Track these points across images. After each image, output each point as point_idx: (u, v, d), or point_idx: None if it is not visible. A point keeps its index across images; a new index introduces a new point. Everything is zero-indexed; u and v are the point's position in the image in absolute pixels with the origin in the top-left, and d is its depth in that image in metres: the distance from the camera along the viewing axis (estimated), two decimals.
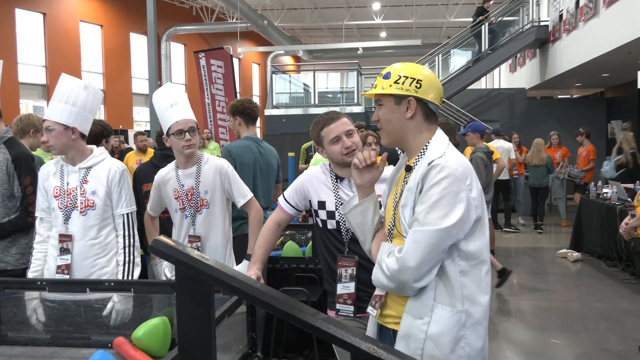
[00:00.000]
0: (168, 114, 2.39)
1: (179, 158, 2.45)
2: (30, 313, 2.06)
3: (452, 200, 1.40)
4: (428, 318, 1.43)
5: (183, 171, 2.45)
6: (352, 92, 13.61)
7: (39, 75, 13.17)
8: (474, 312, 1.44)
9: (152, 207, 2.58)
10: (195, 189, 2.42)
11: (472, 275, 1.45)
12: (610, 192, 5.96)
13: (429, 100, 1.53)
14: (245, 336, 1.97)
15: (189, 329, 1.17)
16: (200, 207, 2.42)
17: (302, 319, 1.15)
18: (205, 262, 1.17)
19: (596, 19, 8.55)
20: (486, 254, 1.47)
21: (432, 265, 1.42)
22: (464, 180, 1.42)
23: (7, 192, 2.57)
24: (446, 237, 1.40)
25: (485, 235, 1.47)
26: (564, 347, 3.77)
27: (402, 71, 1.54)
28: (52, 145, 2.22)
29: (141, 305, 2.03)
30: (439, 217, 1.40)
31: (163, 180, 2.48)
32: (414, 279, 1.41)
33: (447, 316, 1.42)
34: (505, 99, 12.56)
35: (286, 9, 18.12)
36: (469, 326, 1.44)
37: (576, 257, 6.22)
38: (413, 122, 1.53)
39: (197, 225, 2.42)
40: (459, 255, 1.44)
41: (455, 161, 1.45)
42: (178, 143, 2.37)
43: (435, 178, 1.42)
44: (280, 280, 3.12)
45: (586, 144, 8.04)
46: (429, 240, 1.40)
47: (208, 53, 9.89)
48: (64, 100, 2.21)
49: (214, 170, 2.45)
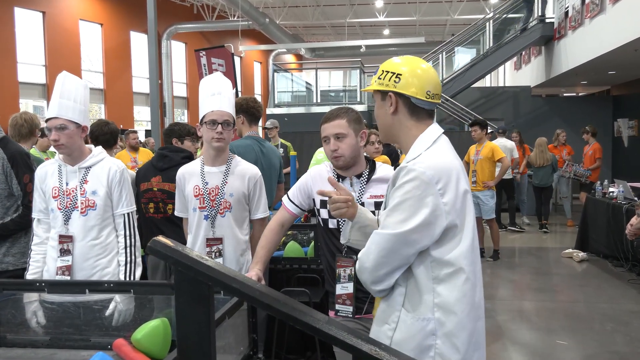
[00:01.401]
0: (207, 102, 2.28)
1: (208, 152, 2.31)
2: (29, 315, 2.03)
3: (415, 204, 1.34)
4: (394, 324, 1.40)
5: (210, 168, 2.31)
6: (355, 90, 13.58)
7: (38, 75, 13.18)
8: (447, 322, 1.36)
9: (180, 208, 2.39)
10: (221, 189, 2.29)
11: (448, 283, 1.37)
12: (616, 191, 5.91)
13: (410, 95, 1.45)
14: (246, 337, 1.95)
15: (189, 330, 1.15)
16: (223, 209, 2.28)
17: (303, 321, 1.13)
18: (204, 263, 1.15)
19: (602, 15, 8.48)
20: (464, 262, 1.37)
21: (389, 269, 1.37)
22: (432, 185, 1.34)
23: (5, 192, 2.55)
24: (402, 242, 1.34)
25: (464, 243, 1.37)
26: (569, 349, 3.72)
27: (385, 66, 1.51)
28: (63, 144, 2.15)
29: (141, 307, 2.00)
30: (397, 221, 1.35)
31: (184, 175, 2.34)
32: (371, 280, 1.40)
33: (409, 323, 1.37)
34: (510, 97, 12.51)
35: (288, 7, 18.09)
36: (440, 336, 1.36)
37: (582, 257, 6.18)
38: (397, 118, 1.48)
39: (217, 228, 2.28)
40: (432, 262, 1.37)
41: (427, 164, 1.37)
42: (208, 133, 2.24)
43: (400, 180, 1.38)
44: (282, 281, 3.09)
45: (592, 142, 7.99)
46: (383, 244, 1.36)
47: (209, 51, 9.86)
48: (72, 99, 2.17)
49: (247, 174, 2.34)
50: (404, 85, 1.45)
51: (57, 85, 2.18)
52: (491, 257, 6.18)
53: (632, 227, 3.77)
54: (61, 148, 2.18)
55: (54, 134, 2.14)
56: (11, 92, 12.17)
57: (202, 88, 2.34)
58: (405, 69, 1.46)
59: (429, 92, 1.46)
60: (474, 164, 5.98)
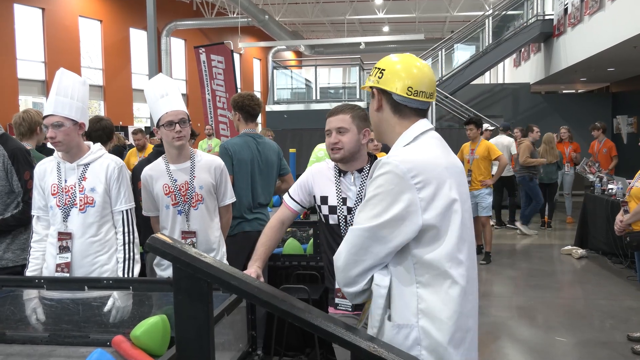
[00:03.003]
0: (158, 105, 2.35)
1: (170, 151, 2.41)
2: (28, 312, 2.03)
3: (386, 198, 1.27)
4: (375, 329, 1.32)
5: (175, 166, 2.42)
6: (354, 87, 13.56)
7: (38, 71, 13.16)
8: (431, 332, 1.26)
9: (149, 208, 2.48)
10: (190, 183, 2.40)
11: (433, 288, 1.27)
12: (615, 187, 5.91)
13: (391, 91, 1.40)
14: (245, 334, 1.95)
15: (187, 327, 1.15)
16: (195, 202, 2.39)
17: (302, 318, 1.13)
18: (203, 260, 1.14)
19: (601, 12, 8.47)
20: (448, 265, 1.27)
21: (361, 269, 1.29)
22: (407, 178, 1.26)
23: (5, 189, 2.55)
24: (371, 237, 1.27)
25: (448, 244, 1.28)
26: (568, 345, 3.73)
27: (378, 63, 1.48)
28: (60, 142, 2.16)
29: (140, 303, 2.00)
30: (367, 216, 1.29)
31: (151, 176, 2.42)
32: (343, 282, 1.33)
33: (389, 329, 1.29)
34: (509, 94, 12.50)
35: (287, 4, 18.05)
36: (425, 347, 1.26)
37: (581, 253, 6.18)
38: (382, 115, 1.44)
39: (192, 221, 2.39)
40: (415, 264, 1.28)
41: (403, 157, 1.29)
42: (168, 134, 2.33)
43: (374, 174, 1.32)
44: (281, 278, 3.09)
45: (603, 139, 7.74)
46: (353, 240, 1.30)
47: (208, 48, 9.85)
48: (69, 96, 2.17)
49: (211, 165, 2.45)
50: (385, 81, 1.42)
51: (54, 83, 2.18)
52: (484, 261, 5.87)
53: (622, 223, 3.81)
54: (58, 145, 2.17)
55: (51, 131, 2.14)
56: (10, 88, 12.15)
57: (148, 92, 2.40)
58: (390, 66, 1.43)
59: (411, 88, 1.39)
60: (470, 164, 5.94)
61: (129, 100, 15.73)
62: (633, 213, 3.77)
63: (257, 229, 2.83)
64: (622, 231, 3.88)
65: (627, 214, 3.82)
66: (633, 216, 3.76)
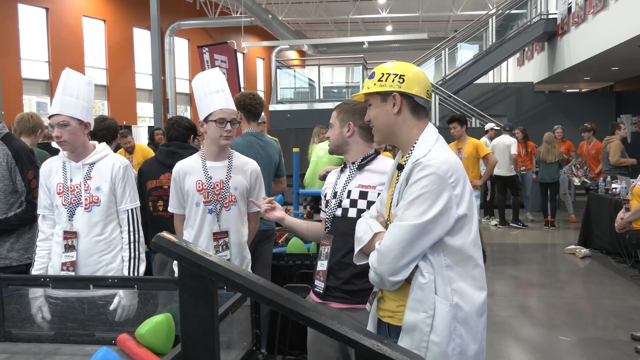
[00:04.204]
0: (213, 99, 2.27)
1: (211, 148, 2.32)
2: (34, 310, 2.05)
3: (431, 197, 1.44)
4: (432, 311, 1.46)
5: (213, 163, 2.33)
6: (358, 87, 13.54)
7: (42, 71, 13.20)
8: (463, 306, 1.47)
9: (176, 205, 2.37)
10: (226, 183, 2.32)
11: (458, 269, 1.48)
12: (619, 187, 5.90)
13: (414, 94, 1.56)
14: (249, 333, 1.96)
15: (192, 326, 1.16)
16: (228, 202, 2.32)
17: (306, 316, 1.13)
18: (207, 259, 1.15)
19: (605, 11, 8.44)
20: (472, 250, 1.49)
21: (407, 260, 1.45)
22: (447, 178, 1.46)
23: (9, 188, 2.56)
24: (421, 232, 1.44)
25: (472, 232, 1.50)
26: (572, 345, 3.73)
27: (384, 69, 1.59)
28: (66, 141, 2.16)
29: (145, 302, 2.01)
30: (416, 214, 1.44)
31: (184, 171, 2.33)
32: (389, 272, 1.46)
33: (446, 310, 1.46)
34: (513, 93, 12.47)
35: (291, 3, 18.05)
36: (459, 319, 1.47)
37: (584, 253, 6.17)
38: (401, 117, 1.57)
39: (223, 222, 2.31)
40: (444, 251, 1.47)
41: (440, 159, 1.48)
42: (216, 131, 2.25)
43: (417, 176, 1.47)
44: (285, 277, 3.09)
45: (592, 140, 7.66)
46: (403, 235, 1.44)
47: (212, 48, 9.87)
48: (74, 95, 2.17)
49: (249, 168, 2.39)
50: (408, 85, 1.56)
51: (60, 82, 2.19)
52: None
53: (623, 220, 3.86)
54: (64, 145, 2.18)
55: (56, 130, 2.15)
56: (15, 88, 12.19)
57: (201, 84, 2.32)
58: (406, 71, 1.58)
59: (429, 91, 1.59)
60: None
61: (133, 100, 15.77)
62: (634, 211, 3.79)
63: (260, 229, 2.83)
64: (623, 229, 3.92)
65: (629, 212, 3.84)
66: (633, 214, 3.79)
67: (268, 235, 3.00)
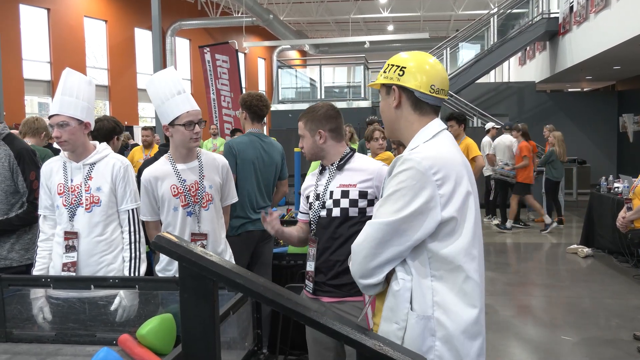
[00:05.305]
0: (176, 102, 2.25)
1: (180, 151, 2.31)
2: (35, 311, 2.04)
3: (409, 194, 1.30)
4: (403, 323, 1.33)
5: (183, 165, 2.32)
6: (359, 86, 13.53)
7: (43, 72, 13.22)
8: (446, 323, 1.31)
9: (149, 212, 2.33)
10: (200, 183, 2.32)
11: (448, 281, 1.32)
12: (621, 186, 5.88)
13: (412, 88, 1.43)
14: (250, 333, 1.95)
15: (193, 326, 1.15)
16: (206, 202, 2.32)
17: (307, 316, 1.13)
18: (208, 259, 1.14)
19: (607, 10, 8.42)
20: (464, 260, 1.32)
21: (379, 262, 1.32)
22: (429, 175, 1.30)
23: (10, 189, 2.56)
24: (393, 232, 1.30)
25: (464, 239, 1.33)
26: (574, 344, 3.72)
27: (392, 60, 1.50)
28: (66, 141, 2.16)
29: (146, 302, 2.01)
30: (390, 211, 1.32)
31: (156, 178, 2.29)
32: (360, 274, 1.35)
33: (421, 324, 1.32)
34: (515, 92, 12.45)
35: (292, 3, 18.05)
36: (439, 337, 1.31)
37: (587, 252, 6.15)
38: (400, 112, 1.46)
39: (203, 223, 2.31)
40: (430, 258, 1.33)
41: (424, 154, 1.33)
42: (185, 135, 2.24)
43: (396, 170, 1.35)
44: (286, 277, 3.09)
45: (519, 140, 7.67)
46: (374, 233, 1.32)
47: (213, 48, 9.88)
48: (74, 95, 2.17)
49: (219, 164, 2.41)
50: (407, 79, 1.44)
51: (60, 82, 2.19)
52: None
53: (625, 219, 3.87)
54: (64, 145, 2.18)
55: (56, 131, 2.15)
56: (16, 89, 12.21)
57: (159, 86, 2.26)
58: (411, 63, 1.45)
59: (434, 86, 1.44)
60: None
61: (134, 100, 15.79)
62: (636, 210, 3.79)
63: (260, 229, 2.83)
64: (624, 227, 3.92)
65: (631, 211, 3.85)
66: (635, 213, 3.79)
67: (268, 235, 2.99)
